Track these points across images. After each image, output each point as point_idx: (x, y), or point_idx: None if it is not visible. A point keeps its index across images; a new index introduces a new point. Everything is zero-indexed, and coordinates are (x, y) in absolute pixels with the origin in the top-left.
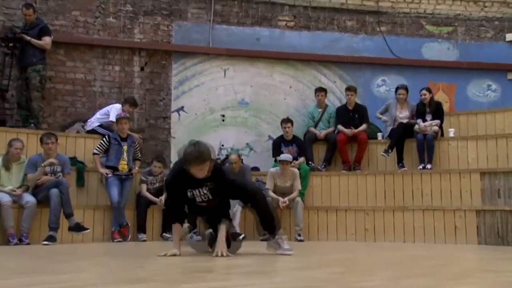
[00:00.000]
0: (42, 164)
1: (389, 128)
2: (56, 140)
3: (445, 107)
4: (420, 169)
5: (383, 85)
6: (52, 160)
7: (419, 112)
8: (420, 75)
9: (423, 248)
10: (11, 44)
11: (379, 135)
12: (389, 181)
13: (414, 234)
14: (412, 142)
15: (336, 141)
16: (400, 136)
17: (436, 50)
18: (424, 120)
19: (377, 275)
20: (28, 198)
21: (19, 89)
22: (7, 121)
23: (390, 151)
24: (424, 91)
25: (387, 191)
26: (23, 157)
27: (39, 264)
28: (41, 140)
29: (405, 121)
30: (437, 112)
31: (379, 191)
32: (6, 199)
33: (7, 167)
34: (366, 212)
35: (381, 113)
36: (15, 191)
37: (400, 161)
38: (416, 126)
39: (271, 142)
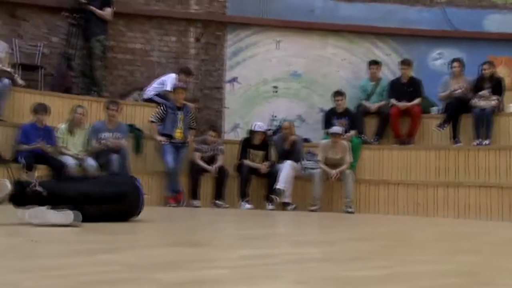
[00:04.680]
0: (107, 142)
1: (445, 103)
2: (120, 108)
3: (507, 81)
4: (476, 144)
5: (440, 58)
6: (114, 142)
7: (477, 86)
8: (480, 48)
9: (476, 225)
10: (76, 15)
11: (434, 109)
12: (443, 156)
13: (469, 210)
14: (468, 117)
15: (388, 115)
16: (456, 110)
17: (499, 22)
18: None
19: (428, 249)
20: (91, 162)
21: (83, 59)
22: (73, 88)
23: (444, 125)
24: (486, 65)
25: (441, 166)
26: (85, 123)
27: (97, 224)
28: (107, 106)
29: (460, 95)
30: (497, 87)
31: (432, 166)
32: (71, 162)
33: (72, 132)
34: (418, 186)
35: (443, 92)
36: (79, 155)
37: (455, 136)
38: (473, 100)
39: (322, 114)
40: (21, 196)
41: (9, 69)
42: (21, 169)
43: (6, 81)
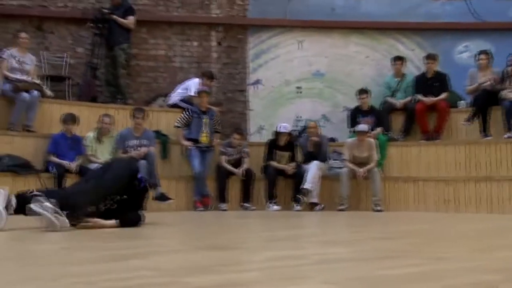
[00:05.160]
0: (134, 155)
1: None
2: (145, 115)
3: None
4: (507, 137)
5: (466, 51)
6: (139, 153)
7: (505, 78)
8: (508, 38)
9: (510, 219)
10: (100, 25)
11: (461, 103)
12: (472, 150)
13: (502, 205)
14: (497, 110)
15: (414, 111)
16: (485, 103)
17: None
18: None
19: (457, 246)
20: None
21: (107, 67)
22: (98, 97)
23: (472, 119)
24: None
25: (471, 160)
26: (113, 131)
27: (130, 230)
28: (133, 114)
29: (489, 87)
30: None
31: (461, 161)
32: None
33: (100, 141)
34: (448, 182)
35: (471, 85)
36: None
37: (484, 129)
38: (503, 92)
39: (347, 113)
40: (25, 205)
41: (38, 81)
42: (52, 179)
43: (36, 93)
